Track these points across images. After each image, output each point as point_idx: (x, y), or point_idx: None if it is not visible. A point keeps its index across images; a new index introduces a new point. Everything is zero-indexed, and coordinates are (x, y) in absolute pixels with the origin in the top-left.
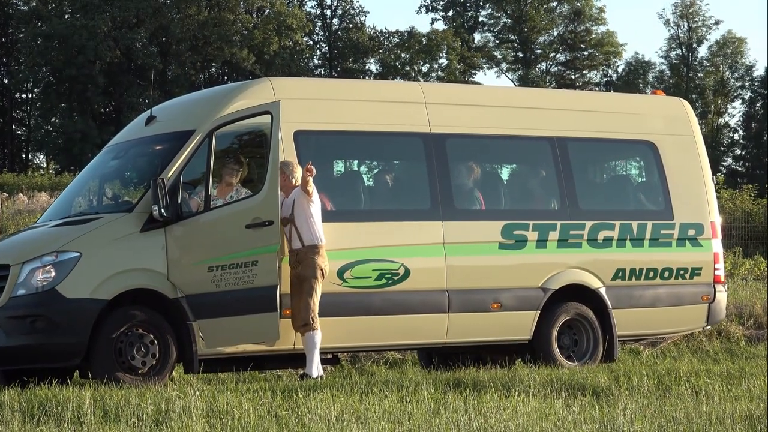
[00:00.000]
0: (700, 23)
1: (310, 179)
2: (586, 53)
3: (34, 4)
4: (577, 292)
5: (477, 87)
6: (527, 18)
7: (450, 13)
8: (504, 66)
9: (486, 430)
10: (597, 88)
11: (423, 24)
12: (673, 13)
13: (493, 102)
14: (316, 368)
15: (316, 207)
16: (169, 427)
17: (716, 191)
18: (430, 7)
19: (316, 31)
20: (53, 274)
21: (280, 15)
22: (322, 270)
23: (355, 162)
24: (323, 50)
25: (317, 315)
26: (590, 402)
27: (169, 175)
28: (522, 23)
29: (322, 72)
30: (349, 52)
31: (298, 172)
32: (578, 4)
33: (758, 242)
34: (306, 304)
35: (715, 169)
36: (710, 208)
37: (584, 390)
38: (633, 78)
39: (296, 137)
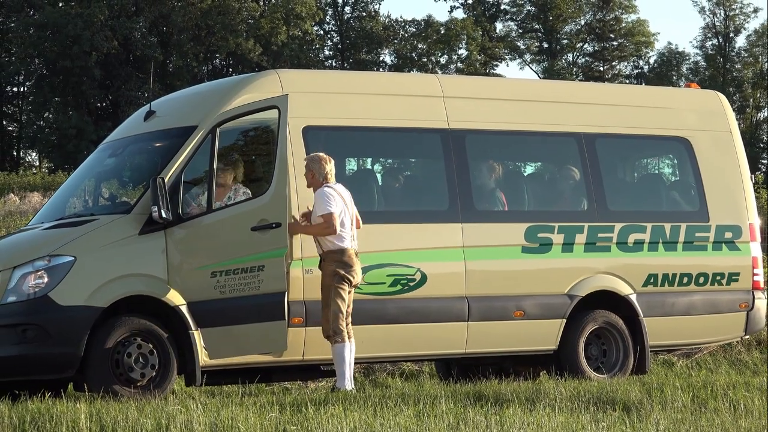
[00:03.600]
0: (737, 11)
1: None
2: (615, 43)
3: None
4: (606, 299)
5: (499, 80)
6: (552, 6)
7: (470, 1)
8: (528, 57)
9: None
10: (627, 81)
11: (441, 12)
12: (709, 1)
13: (515, 96)
14: (348, 381)
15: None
16: None
17: (755, 191)
18: None
19: (327, 20)
20: (46, 279)
21: (288, 2)
22: (342, 277)
23: (369, 160)
24: (334, 40)
25: (343, 326)
26: (620, 417)
27: (169, 174)
28: (547, 11)
29: (334, 64)
30: (362, 42)
31: (326, 167)
32: None
33: None
34: (326, 316)
35: (753, 168)
36: (748, 209)
37: (614, 404)
38: (666, 70)
39: (305, 133)
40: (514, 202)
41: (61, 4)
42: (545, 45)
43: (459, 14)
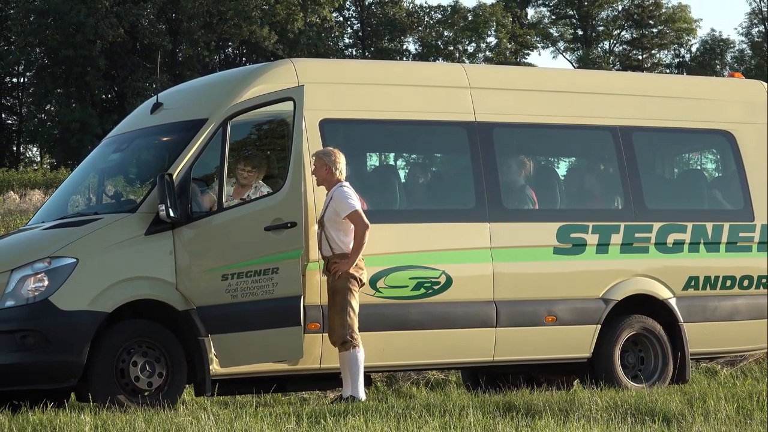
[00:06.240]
0: None
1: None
2: (655, 30)
3: None
4: (644, 304)
5: (529, 69)
6: None
7: None
8: (561, 45)
9: None
10: (667, 71)
11: None
12: None
13: (547, 86)
14: (362, 390)
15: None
16: None
17: None
18: None
19: (347, 6)
20: (46, 282)
21: None
22: (357, 280)
23: (390, 155)
24: (355, 28)
25: (357, 330)
26: (660, 429)
27: (177, 170)
28: None
29: (353, 53)
30: (385, 29)
31: (342, 161)
32: None
33: None
34: (342, 321)
35: None
36: None
37: (653, 415)
38: (709, 59)
39: (322, 127)
40: (546, 200)
41: None
42: (580, 32)
43: None
